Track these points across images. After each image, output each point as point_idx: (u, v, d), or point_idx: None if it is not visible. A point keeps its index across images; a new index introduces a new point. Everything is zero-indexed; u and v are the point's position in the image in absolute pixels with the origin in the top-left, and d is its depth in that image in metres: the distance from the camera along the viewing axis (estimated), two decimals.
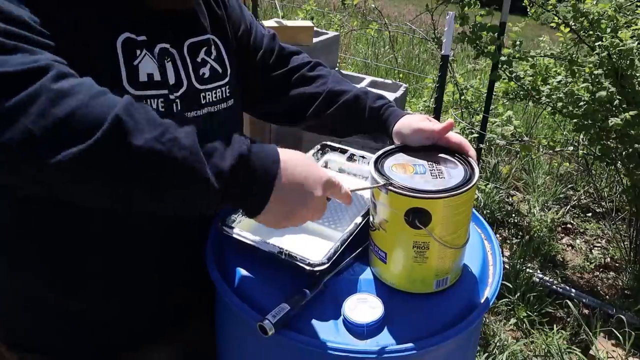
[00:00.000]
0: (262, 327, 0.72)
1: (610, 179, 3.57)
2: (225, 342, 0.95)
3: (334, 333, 0.76)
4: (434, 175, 0.81)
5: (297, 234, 0.96)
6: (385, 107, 1.02)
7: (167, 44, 0.83)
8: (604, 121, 2.25)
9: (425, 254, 0.79)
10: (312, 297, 0.80)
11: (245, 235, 0.88)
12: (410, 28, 6.00)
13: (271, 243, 0.85)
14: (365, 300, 0.80)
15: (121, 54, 0.76)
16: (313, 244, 0.93)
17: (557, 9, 2.70)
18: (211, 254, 0.91)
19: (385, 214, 0.79)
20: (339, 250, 0.84)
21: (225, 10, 0.99)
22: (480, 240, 1.00)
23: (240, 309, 0.78)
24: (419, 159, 0.87)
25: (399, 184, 0.77)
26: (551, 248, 3.01)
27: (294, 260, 0.81)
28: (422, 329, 0.77)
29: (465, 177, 0.81)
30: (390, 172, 0.81)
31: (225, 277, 0.86)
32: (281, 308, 0.74)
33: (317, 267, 0.80)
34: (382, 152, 0.88)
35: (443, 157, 0.88)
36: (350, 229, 0.89)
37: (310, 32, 2.76)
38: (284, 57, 1.10)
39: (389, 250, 0.82)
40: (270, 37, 1.09)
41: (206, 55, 0.91)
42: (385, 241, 0.82)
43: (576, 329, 2.38)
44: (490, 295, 0.87)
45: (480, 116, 3.33)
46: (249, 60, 1.05)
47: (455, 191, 0.76)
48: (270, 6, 6.62)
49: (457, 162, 0.86)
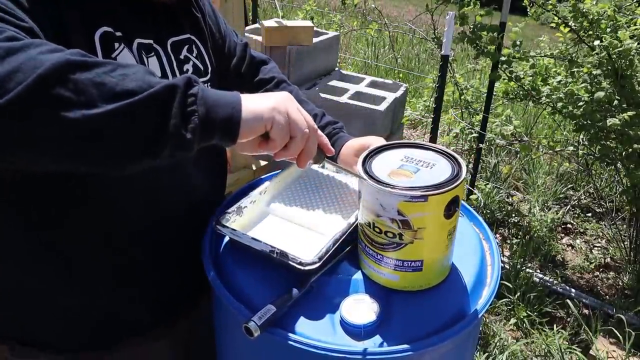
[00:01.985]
0: (247, 328, 0.72)
1: (610, 179, 3.56)
2: (224, 342, 0.95)
3: (331, 334, 0.76)
4: (426, 166, 0.83)
5: (293, 232, 0.96)
6: (333, 132, 1.07)
7: (148, 40, 0.85)
8: (603, 121, 2.25)
9: (452, 237, 0.83)
10: (299, 296, 0.79)
11: (238, 235, 0.88)
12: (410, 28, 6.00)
13: (263, 242, 0.85)
14: (362, 301, 0.80)
15: (99, 47, 0.77)
16: (310, 243, 0.93)
17: (557, 9, 2.70)
18: (208, 253, 0.91)
19: (423, 222, 0.77)
20: (331, 249, 0.84)
21: (202, 15, 1.02)
22: (478, 240, 0.99)
23: (237, 309, 0.78)
24: (396, 161, 0.85)
25: (427, 184, 0.77)
26: (551, 248, 3.01)
27: (285, 259, 0.82)
28: (420, 329, 0.77)
29: (445, 156, 0.85)
30: (400, 183, 0.78)
31: (222, 277, 0.86)
32: (267, 309, 0.74)
33: (308, 266, 0.80)
34: (359, 174, 0.82)
35: (407, 154, 0.87)
36: (343, 229, 0.89)
37: (310, 32, 2.76)
38: (255, 66, 1.15)
39: (427, 255, 0.81)
40: (243, 45, 1.13)
41: (188, 52, 0.94)
42: (422, 249, 0.80)
43: (576, 329, 2.38)
44: (489, 295, 0.87)
45: (480, 116, 3.32)
46: (224, 67, 1.09)
47: (464, 168, 0.80)
48: (270, 6, 6.62)
49: (420, 149, 0.88)
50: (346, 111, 2.76)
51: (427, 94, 4.53)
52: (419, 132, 4.53)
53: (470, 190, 3.12)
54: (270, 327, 0.74)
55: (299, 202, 1.05)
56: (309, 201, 1.05)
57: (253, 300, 0.80)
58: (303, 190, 1.08)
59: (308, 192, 1.08)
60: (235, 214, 0.95)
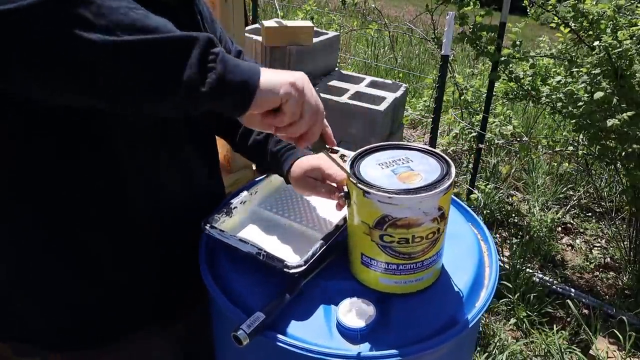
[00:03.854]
0: (236, 337, 0.72)
1: (610, 179, 3.56)
2: (221, 345, 0.95)
3: (327, 338, 0.76)
4: (407, 163, 0.84)
5: (282, 234, 0.96)
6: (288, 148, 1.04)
7: None
8: (603, 121, 2.24)
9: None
10: (290, 301, 0.79)
11: (226, 236, 0.88)
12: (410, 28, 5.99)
13: (250, 244, 0.85)
14: (358, 305, 0.80)
15: None
16: (298, 245, 0.93)
17: (557, 9, 2.69)
18: (204, 257, 0.91)
19: (448, 206, 0.82)
20: (317, 252, 0.84)
21: (201, 18, 1.02)
22: (476, 240, 0.99)
23: (233, 314, 0.78)
24: (382, 168, 0.84)
25: (438, 174, 0.80)
26: (551, 248, 3.01)
27: (271, 261, 0.82)
28: (416, 332, 0.77)
29: (407, 149, 0.88)
30: (423, 182, 0.79)
31: (218, 281, 0.86)
32: (256, 317, 0.74)
33: (293, 269, 0.80)
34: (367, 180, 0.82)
35: (379, 159, 0.87)
36: (331, 232, 0.89)
37: (310, 32, 2.76)
38: None
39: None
40: (237, 53, 1.13)
41: None
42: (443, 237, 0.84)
43: (576, 329, 2.38)
44: (486, 297, 0.87)
45: (480, 116, 3.32)
46: None
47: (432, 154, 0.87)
48: (270, 6, 6.61)
49: (383, 151, 0.89)
50: (346, 111, 2.76)
51: (427, 94, 4.52)
52: (419, 132, 4.52)
53: (470, 190, 3.12)
54: (266, 330, 0.75)
55: (288, 204, 1.05)
56: (299, 204, 1.05)
57: (247, 303, 0.80)
58: (293, 193, 1.08)
59: (298, 195, 1.08)
60: (224, 214, 0.95)
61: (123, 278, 0.90)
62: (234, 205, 0.98)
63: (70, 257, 0.85)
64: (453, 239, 0.92)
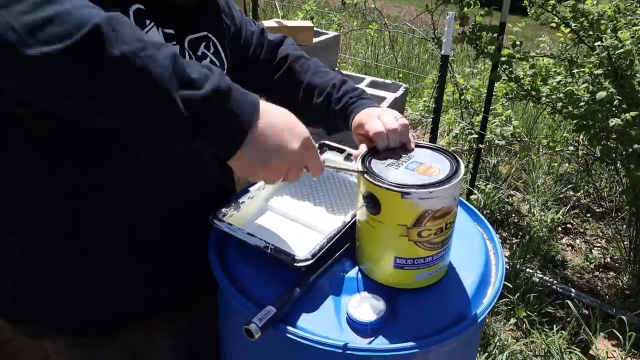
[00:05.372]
0: (248, 330, 0.72)
1: (610, 179, 3.57)
2: (230, 340, 0.95)
3: (337, 331, 0.76)
4: (424, 157, 0.87)
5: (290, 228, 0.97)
6: (350, 102, 1.05)
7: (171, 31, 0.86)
8: (604, 121, 2.25)
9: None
10: (301, 295, 0.80)
11: (234, 229, 0.88)
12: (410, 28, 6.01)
13: (258, 237, 0.85)
14: (369, 299, 0.80)
15: (133, 21, 0.78)
16: (306, 240, 0.93)
17: (557, 9, 2.70)
18: (214, 250, 0.91)
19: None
20: (325, 247, 0.84)
21: (218, 11, 1.02)
22: (482, 240, 1.00)
23: (244, 307, 0.79)
24: (397, 166, 0.85)
25: (451, 165, 0.83)
26: (551, 248, 3.01)
27: (279, 255, 0.82)
28: (426, 327, 0.78)
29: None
30: (438, 175, 0.80)
31: (228, 274, 0.86)
32: (268, 311, 0.74)
33: (301, 262, 0.80)
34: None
35: (392, 157, 0.88)
36: (339, 227, 0.89)
37: (310, 32, 2.77)
38: (271, 51, 1.14)
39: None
40: (259, 32, 1.13)
41: (205, 49, 0.95)
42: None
43: (576, 329, 2.38)
44: (493, 294, 0.88)
45: (480, 116, 3.33)
46: (241, 58, 1.09)
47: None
48: (270, 6, 6.61)
49: (399, 151, 0.91)
50: None
51: (427, 94, 4.53)
52: (419, 132, 4.53)
53: (470, 191, 3.12)
54: (277, 323, 0.75)
55: (296, 198, 1.06)
56: (307, 198, 1.06)
57: (257, 297, 0.80)
58: (301, 187, 1.09)
59: (306, 189, 1.08)
60: (233, 209, 0.95)
61: (139, 270, 0.91)
62: (242, 200, 0.98)
63: (91, 248, 0.86)
64: (460, 238, 0.92)
